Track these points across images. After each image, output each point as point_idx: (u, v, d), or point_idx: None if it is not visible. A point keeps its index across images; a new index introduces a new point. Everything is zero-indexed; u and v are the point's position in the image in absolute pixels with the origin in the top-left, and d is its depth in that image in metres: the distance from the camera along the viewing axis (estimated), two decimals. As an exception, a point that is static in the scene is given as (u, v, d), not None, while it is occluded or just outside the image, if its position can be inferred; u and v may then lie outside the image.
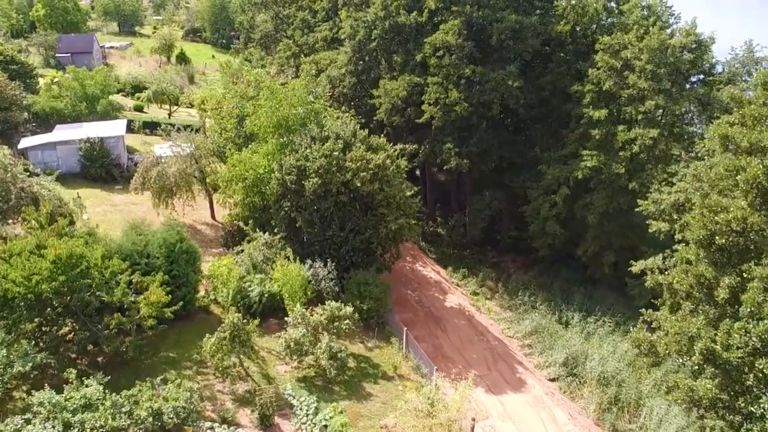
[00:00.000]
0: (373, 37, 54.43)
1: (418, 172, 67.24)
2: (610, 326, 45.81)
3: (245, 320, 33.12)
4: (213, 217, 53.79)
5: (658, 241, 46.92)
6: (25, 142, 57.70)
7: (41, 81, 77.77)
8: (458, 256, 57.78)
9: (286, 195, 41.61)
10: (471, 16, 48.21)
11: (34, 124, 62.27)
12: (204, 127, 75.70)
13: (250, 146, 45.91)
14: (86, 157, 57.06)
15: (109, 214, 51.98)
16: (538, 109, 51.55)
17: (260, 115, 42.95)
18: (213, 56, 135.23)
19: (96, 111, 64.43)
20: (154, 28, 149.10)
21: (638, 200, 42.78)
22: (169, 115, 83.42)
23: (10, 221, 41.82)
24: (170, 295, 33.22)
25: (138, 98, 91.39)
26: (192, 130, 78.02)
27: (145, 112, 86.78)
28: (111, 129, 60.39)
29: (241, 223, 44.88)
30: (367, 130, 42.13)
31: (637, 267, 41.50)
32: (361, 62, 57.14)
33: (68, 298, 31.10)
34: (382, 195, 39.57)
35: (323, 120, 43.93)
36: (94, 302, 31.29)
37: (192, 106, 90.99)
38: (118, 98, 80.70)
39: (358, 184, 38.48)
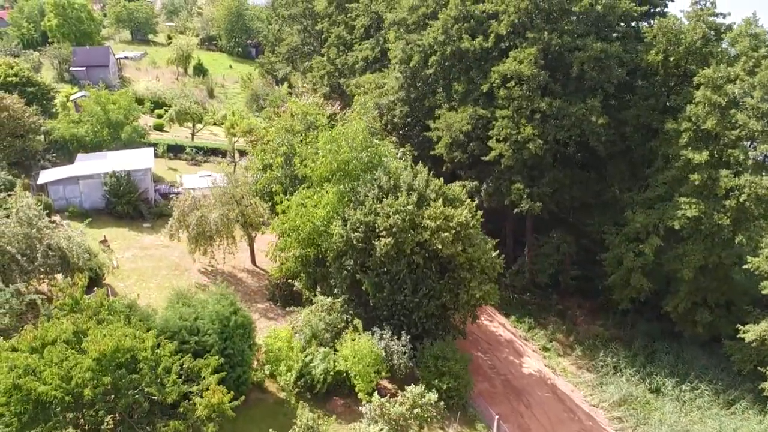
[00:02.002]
0: (430, 63, 49.15)
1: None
2: (708, 395, 40.62)
3: (316, 414, 28.07)
4: (253, 262, 48.57)
5: (758, 296, 41.81)
6: (45, 176, 52.58)
7: (57, 98, 72.65)
8: (519, 301, 52.56)
9: (349, 252, 36.43)
10: (549, 43, 42.90)
11: (54, 155, 57.11)
12: (233, 152, 70.81)
13: (301, 190, 40.72)
14: (112, 192, 51.89)
15: (139, 260, 46.90)
16: (617, 145, 46.19)
17: (320, 162, 37.72)
18: (230, 66, 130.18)
19: (120, 138, 59.23)
20: (168, 36, 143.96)
21: (748, 257, 37.50)
22: (193, 135, 78.25)
23: (34, 281, 36.84)
24: (223, 382, 28.18)
25: (158, 116, 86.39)
26: (222, 155, 73.83)
27: (166, 131, 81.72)
28: (138, 161, 55.18)
29: (296, 283, 39.82)
30: (442, 180, 36.87)
31: (750, 334, 36.34)
32: (413, 89, 51.85)
33: (112, 397, 26.00)
34: (464, 257, 34.32)
35: (389, 163, 38.69)
36: (143, 403, 26.13)
37: (216, 124, 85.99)
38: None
39: (439, 246, 33.23)
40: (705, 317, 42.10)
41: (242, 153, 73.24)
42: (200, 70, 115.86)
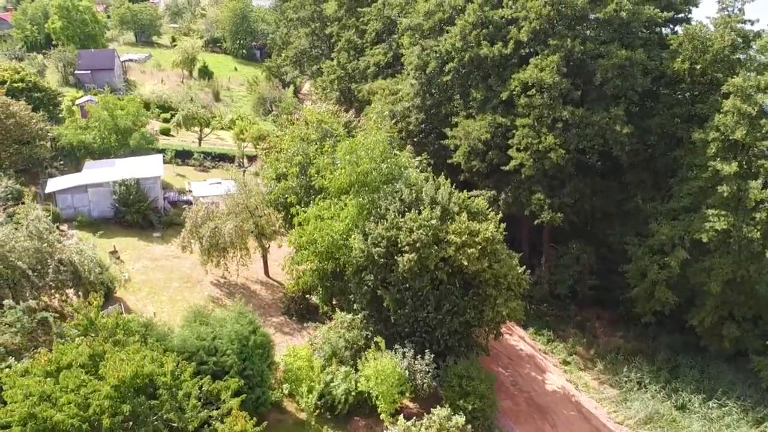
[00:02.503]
0: (447, 70, 48.01)
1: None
2: (736, 413, 39.51)
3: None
4: (267, 273, 47.51)
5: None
6: (53, 185, 51.51)
7: (62, 101, 71.54)
8: (537, 312, 51.34)
9: (369, 267, 35.32)
10: (571, 50, 41.76)
11: (61, 163, 56.02)
12: (241, 158, 69.72)
13: (317, 201, 39.57)
14: (121, 201, 50.80)
15: (150, 272, 45.82)
16: (640, 154, 45.03)
17: (339, 173, 36.61)
18: (235, 68, 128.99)
19: (128, 145, 58.11)
20: (173, 38, 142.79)
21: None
22: (200, 140, 77.12)
23: (45, 296, 35.73)
24: (243, 405, 27.12)
25: (164, 120, 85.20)
26: (230, 161, 72.71)
27: (172, 135, 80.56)
28: (147, 168, 54.08)
29: (312, 297, 38.72)
30: (465, 192, 35.77)
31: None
32: (429, 96, 50.70)
33: (131, 424, 24.92)
34: (490, 273, 33.20)
35: (409, 175, 37.57)
36: (163, 431, 25.05)
37: (223, 128, 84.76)
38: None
39: (464, 263, 32.12)
40: (732, 332, 41.00)
41: (251, 158, 72.27)
42: (205, 73, 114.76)
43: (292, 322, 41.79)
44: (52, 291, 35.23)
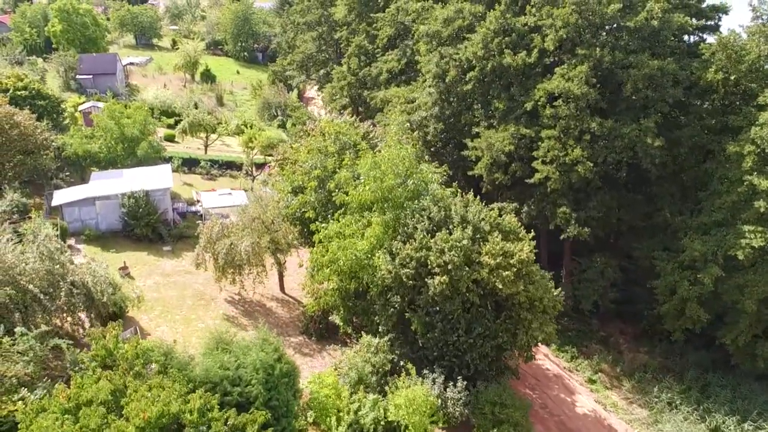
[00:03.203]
0: (468, 79, 46.53)
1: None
2: (773, 436, 38.19)
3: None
4: (282, 289, 45.96)
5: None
6: (59, 197, 49.86)
7: (65, 109, 69.78)
8: (558, 327, 49.87)
9: (395, 288, 33.83)
10: (601, 60, 40.32)
11: (67, 174, 54.36)
12: (250, 166, 68.12)
13: (337, 217, 38.05)
14: (130, 215, 49.19)
15: (162, 288, 44.24)
16: (668, 167, 43.65)
17: (362, 189, 35.12)
18: (238, 72, 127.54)
19: (135, 154, 56.47)
20: (173, 40, 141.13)
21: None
22: (206, 147, 75.50)
23: (57, 320, 34.17)
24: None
25: (168, 125, 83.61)
26: (237, 169, 71.11)
27: (177, 142, 78.99)
28: (156, 180, 52.46)
29: (335, 318, 37.22)
30: (497, 211, 34.31)
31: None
32: (447, 105, 49.22)
33: (155, 466, 23.39)
34: (524, 295, 31.75)
35: (434, 190, 36.09)
36: (189, 473, 23.54)
37: (229, 134, 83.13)
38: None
39: (499, 286, 30.66)
40: (766, 351, 39.64)
41: (259, 166, 70.66)
42: (208, 77, 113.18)
43: (311, 342, 40.26)
44: (64, 314, 33.69)
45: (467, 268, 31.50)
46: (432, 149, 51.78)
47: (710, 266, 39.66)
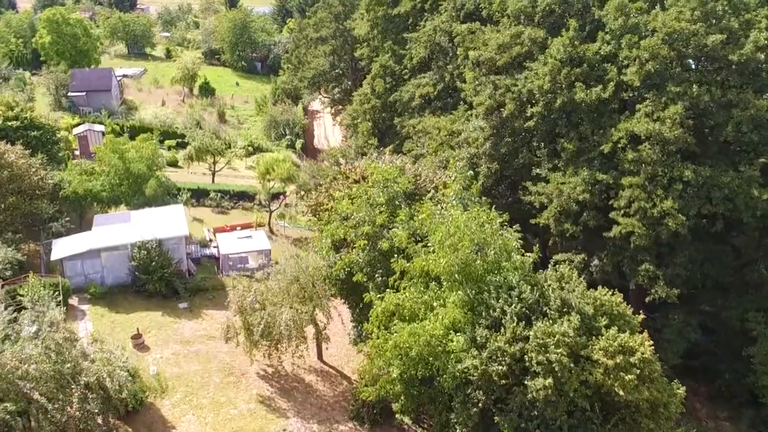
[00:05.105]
0: (530, 114, 40.85)
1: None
2: None
3: None
4: (320, 357, 39.94)
5: None
6: (59, 249, 43.53)
7: (60, 136, 63.09)
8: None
9: (479, 382, 28.04)
10: (699, 99, 34.77)
11: (67, 219, 47.93)
12: (267, 200, 61.98)
13: (393, 284, 32.20)
14: (142, 269, 42.97)
15: (182, 361, 38.13)
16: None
17: (433, 261, 29.30)
18: (237, 83, 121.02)
19: (143, 193, 50.13)
20: (167, 50, 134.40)
21: None
22: (213, 174, 69.23)
23: None
24: None
25: (168, 147, 77.21)
26: (250, 200, 65.04)
27: (180, 167, 72.66)
28: (169, 225, 46.16)
29: (396, 409, 31.31)
30: (602, 289, 28.60)
31: None
32: (502, 142, 43.46)
33: None
34: (644, 400, 26.11)
35: (516, 261, 30.26)
36: None
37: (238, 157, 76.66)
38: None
39: (620, 393, 24.99)
40: None
41: (274, 196, 64.50)
42: (207, 90, 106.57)
43: (363, 430, 34.42)
44: (78, 422, 27.49)
45: (574, 367, 25.81)
46: (482, 188, 45.93)
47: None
